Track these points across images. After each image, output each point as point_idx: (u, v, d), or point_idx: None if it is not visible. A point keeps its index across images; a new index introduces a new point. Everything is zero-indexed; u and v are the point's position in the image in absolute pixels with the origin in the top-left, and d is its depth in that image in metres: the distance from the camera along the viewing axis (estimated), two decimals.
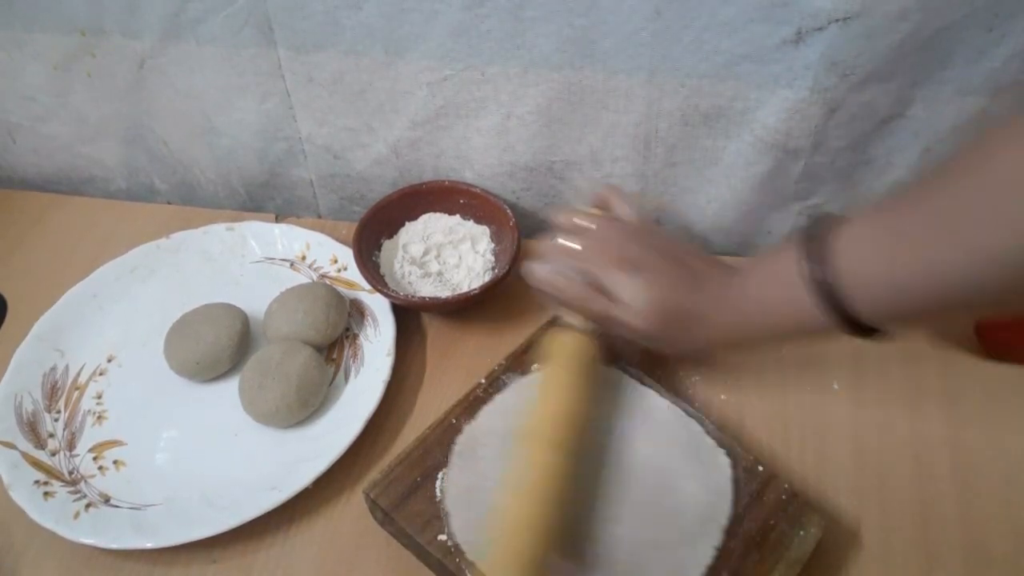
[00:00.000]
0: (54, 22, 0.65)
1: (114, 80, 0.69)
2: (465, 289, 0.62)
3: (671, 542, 0.46)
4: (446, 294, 0.62)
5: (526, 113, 0.62)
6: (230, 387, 0.58)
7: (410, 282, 0.64)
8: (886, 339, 0.44)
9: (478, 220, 0.67)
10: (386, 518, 0.49)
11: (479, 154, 0.66)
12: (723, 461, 0.49)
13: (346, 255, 0.65)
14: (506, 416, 0.52)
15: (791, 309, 0.45)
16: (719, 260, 0.52)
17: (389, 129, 0.66)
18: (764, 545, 0.46)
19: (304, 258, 0.68)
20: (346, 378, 0.59)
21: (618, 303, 0.50)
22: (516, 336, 0.58)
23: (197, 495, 0.53)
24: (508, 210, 0.64)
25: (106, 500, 0.53)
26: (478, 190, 0.67)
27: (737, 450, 0.50)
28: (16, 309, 0.67)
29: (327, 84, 0.64)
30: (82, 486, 0.54)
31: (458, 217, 0.68)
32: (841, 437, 0.54)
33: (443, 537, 0.46)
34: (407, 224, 0.67)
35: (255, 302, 0.63)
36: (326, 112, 0.66)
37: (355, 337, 0.62)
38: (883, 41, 0.50)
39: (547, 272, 0.52)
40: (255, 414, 0.56)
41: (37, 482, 0.53)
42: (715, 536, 0.46)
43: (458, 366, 0.60)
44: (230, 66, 0.65)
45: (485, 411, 0.52)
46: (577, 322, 0.53)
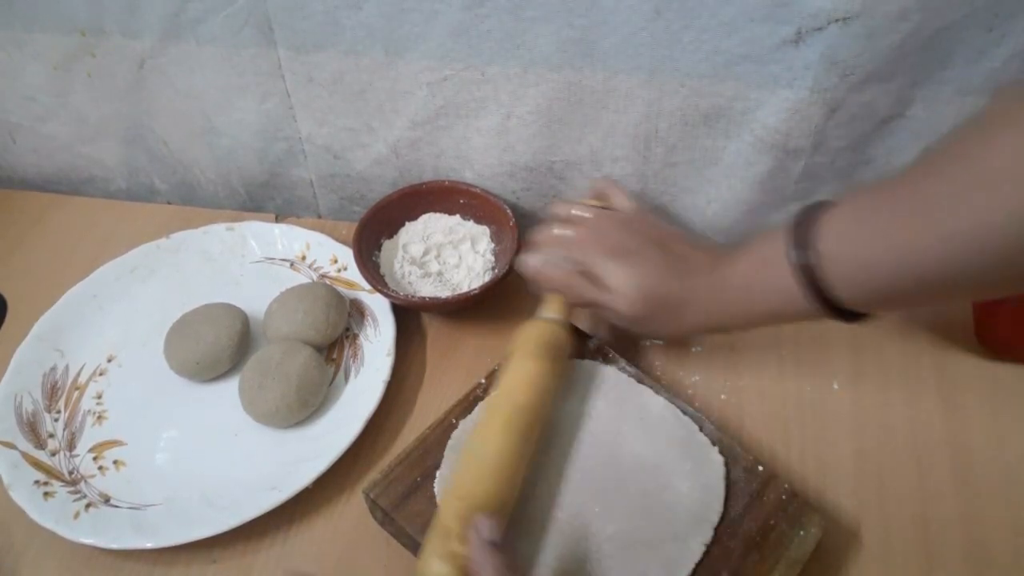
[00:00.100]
0: (54, 22, 0.65)
1: (114, 80, 0.69)
2: (465, 289, 0.62)
3: (662, 539, 0.46)
4: (446, 294, 0.62)
5: (526, 113, 0.62)
6: (230, 387, 0.58)
7: (410, 282, 0.64)
8: (870, 321, 0.44)
9: (478, 220, 0.67)
10: (386, 518, 0.49)
11: (479, 154, 0.66)
12: (716, 459, 0.49)
13: (346, 255, 0.65)
14: None
15: (776, 293, 0.45)
16: (709, 246, 0.53)
17: (389, 129, 0.66)
18: (764, 545, 0.46)
19: (304, 258, 0.68)
20: (346, 378, 0.59)
21: (606, 290, 0.51)
22: None
23: (197, 495, 0.53)
24: (508, 210, 0.64)
25: (106, 500, 0.53)
26: (478, 190, 0.67)
27: (737, 450, 0.50)
28: (16, 309, 0.67)
29: (327, 84, 0.64)
30: (82, 486, 0.54)
31: (458, 217, 0.68)
32: (841, 437, 0.54)
33: None
34: (407, 224, 0.67)
35: (255, 302, 0.63)
36: (326, 112, 0.66)
37: (355, 337, 0.62)
38: (883, 41, 0.50)
39: (538, 260, 0.53)
40: (255, 414, 0.56)
41: (37, 482, 0.53)
42: (706, 533, 0.46)
43: (458, 366, 0.60)
44: (230, 66, 0.65)
45: None
46: (554, 316, 0.53)
